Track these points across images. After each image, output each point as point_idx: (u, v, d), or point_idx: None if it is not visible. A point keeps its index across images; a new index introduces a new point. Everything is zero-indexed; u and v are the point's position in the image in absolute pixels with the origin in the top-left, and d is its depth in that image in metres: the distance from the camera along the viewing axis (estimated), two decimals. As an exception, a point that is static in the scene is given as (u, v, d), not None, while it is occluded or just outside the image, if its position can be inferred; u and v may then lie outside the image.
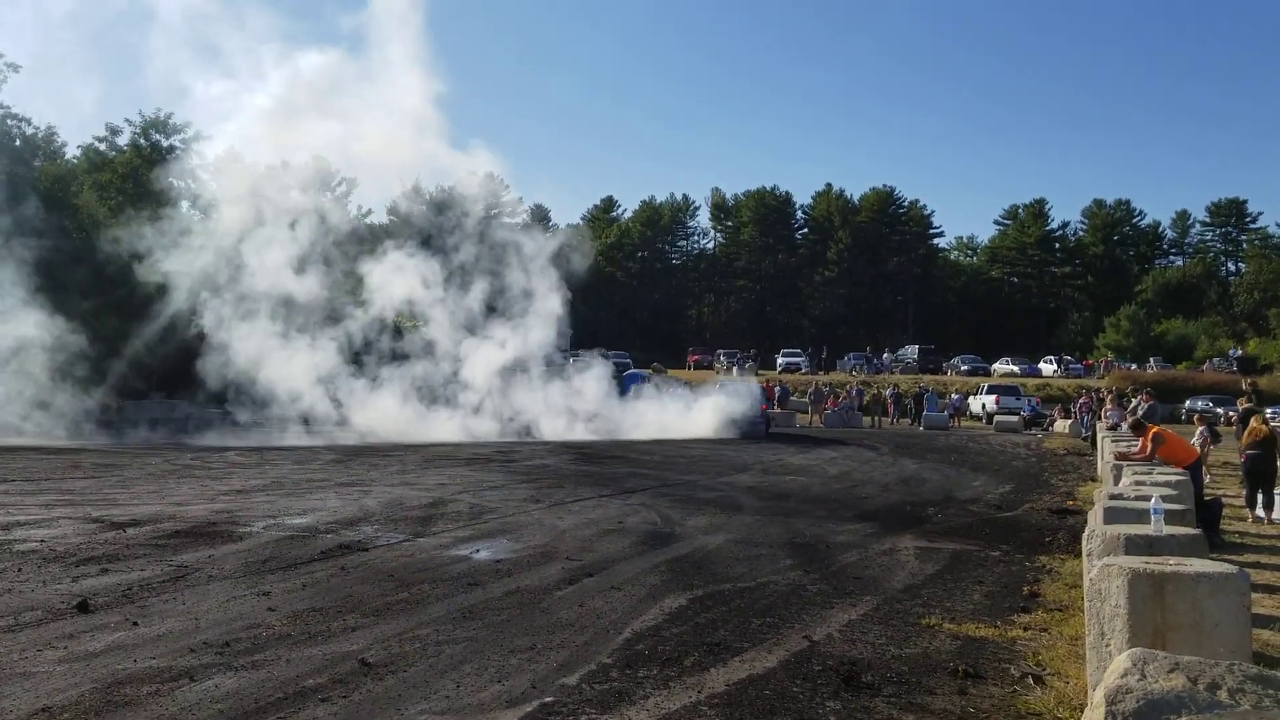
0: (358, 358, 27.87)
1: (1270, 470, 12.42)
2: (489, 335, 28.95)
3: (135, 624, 6.13)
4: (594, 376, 30.79)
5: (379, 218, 55.87)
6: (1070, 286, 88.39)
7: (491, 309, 29.66)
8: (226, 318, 25.66)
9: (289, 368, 25.59)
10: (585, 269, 36.39)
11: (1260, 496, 12.41)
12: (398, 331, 29.65)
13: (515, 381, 28.81)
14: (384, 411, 26.36)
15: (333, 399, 26.19)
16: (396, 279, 28.60)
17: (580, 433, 27.47)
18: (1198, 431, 16.59)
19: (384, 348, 28.39)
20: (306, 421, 25.57)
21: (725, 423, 28.50)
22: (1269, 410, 27.74)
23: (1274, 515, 12.15)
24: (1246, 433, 12.74)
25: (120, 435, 23.60)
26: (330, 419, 25.89)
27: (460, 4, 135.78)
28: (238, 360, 25.16)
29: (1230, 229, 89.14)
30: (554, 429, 27.58)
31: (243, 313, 25.85)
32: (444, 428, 26.15)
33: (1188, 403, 42.22)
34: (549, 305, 30.12)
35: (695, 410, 29.71)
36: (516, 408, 28.12)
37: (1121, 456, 12.26)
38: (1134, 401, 24.65)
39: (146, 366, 26.82)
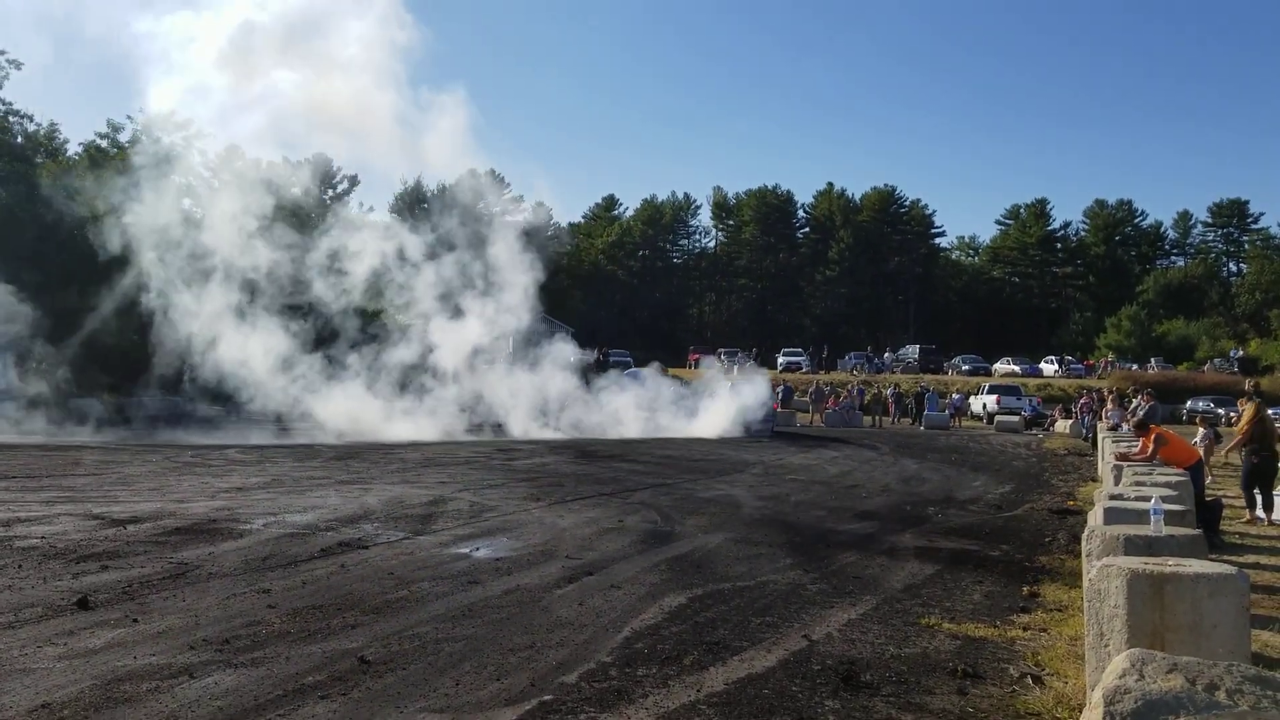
0: (323, 343, 26.57)
1: (1273, 471, 12.39)
2: (461, 315, 27.55)
3: (135, 621, 6.14)
4: (561, 365, 29.30)
5: (380, 215, 55.73)
6: (1072, 286, 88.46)
7: (468, 286, 28.30)
8: (181, 297, 24.40)
9: (249, 355, 24.39)
10: (560, 252, 34.63)
11: (1259, 497, 12.39)
12: (367, 316, 28.25)
13: (485, 371, 27.58)
14: (349, 405, 25.14)
15: (292, 393, 24.88)
16: (370, 246, 27.36)
17: (553, 430, 26.37)
18: (1200, 433, 16.57)
19: (350, 330, 27.03)
20: (279, 420, 24.53)
21: (734, 422, 27.95)
22: (1269, 411, 27.72)
23: (1275, 516, 12.14)
24: (1259, 432, 12.42)
25: (62, 430, 22.49)
26: (291, 414, 24.75)
27: (457, 4, 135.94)
28: (196, 347, 24.04)
29: (1232, 229, 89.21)
30: (523, 425, 26.46)
31: (199, 294, 24.62)
32: (408, 424, 25.03)
33: (1189, 403, 42.19)
34: (521, 285, 28.52)
35: (702, 409, 29.38)
36: (487, 400, 26.91)
37: (1122, 457, 12.25)
38: (1134, 402, 24.66)
39: (103, 347, 25.49)
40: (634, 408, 28.84)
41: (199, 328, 24.39)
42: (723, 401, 29.16)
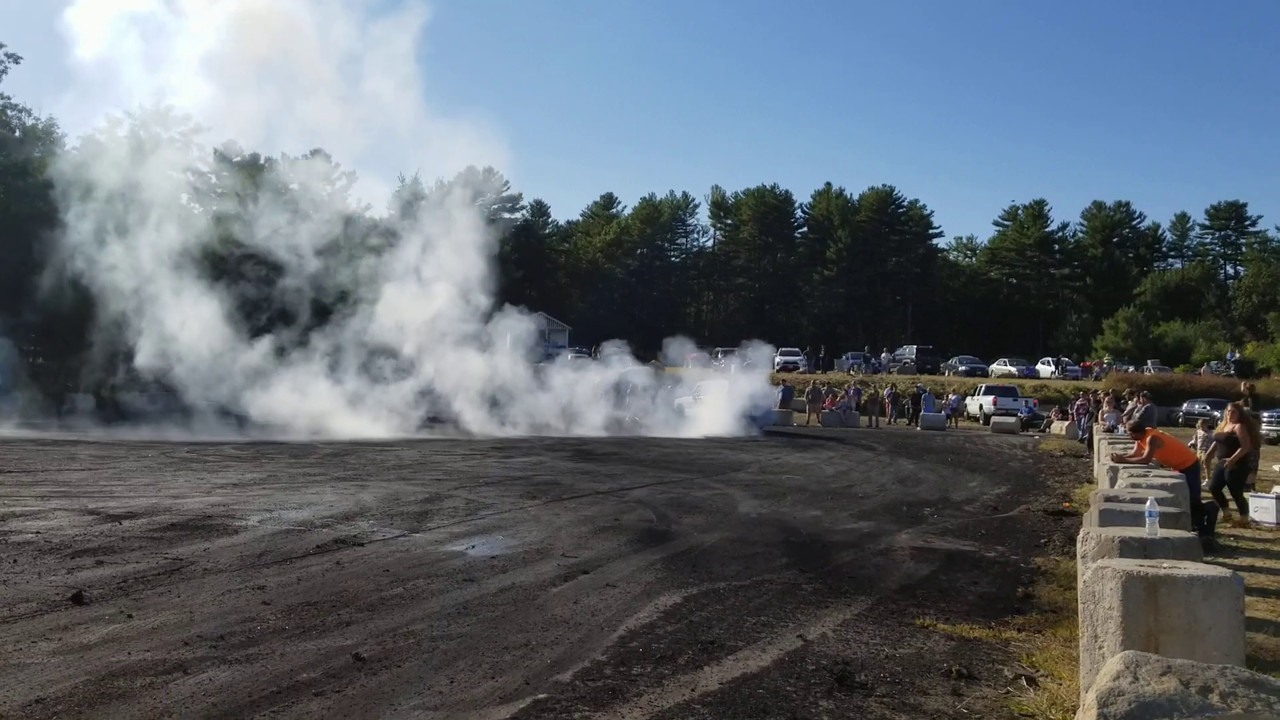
0: (279, 320, 25.08)
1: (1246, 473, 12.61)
2: (414, 282, 25.96)
3: (130, 616, 6.13)
4: (515, 345, 27.72)
5: (379, 211, 55.53)
6: (1069, 288, 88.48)
7: (426, 251, 26.66)
8: (120, 268, 22.94)
9: (192, 339, 23.09)
10: (511, 221, 32.68)
11: (1246, 499, 12.48)
12: (320, 290, 26.29)
13: (440, 352, 26.01)
14: (298, 396, 23.84)
15: (237, 384, 23.41)
16: (325, 207, 26.02)
17: (511, 427, 25.38)
18: (1200, 436, 16.58)
19: (304, 306, 25.34)
20: (228, 414, 23.32)
21: (726, 421, 27.74)
22: (1265, 414, 27.79)
23: (1254, 515, 12.20)
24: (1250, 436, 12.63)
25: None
26: (236, 406, 23.51)
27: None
28: (134, 330, 22.81)
29: (1229, 232, 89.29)
30: (480, 420, 25.56)
31: (137, 267, 23.17)
32: (360, 418, 23.99)
33: (1184, 405, 42.22)
34: (473, 253, 26.85)
35: (688, 407, 29.08)
36: (441, 391, 25.78)
37: (1119, 459, 12.26)
38: (1130, 404, 24.69)
39: (42, 324, 23.94)
40: (605, 402, 27.80)
41: (137, 306, 23.12)
42: (712, 399, 28.69)
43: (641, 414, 29.03)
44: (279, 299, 25.71)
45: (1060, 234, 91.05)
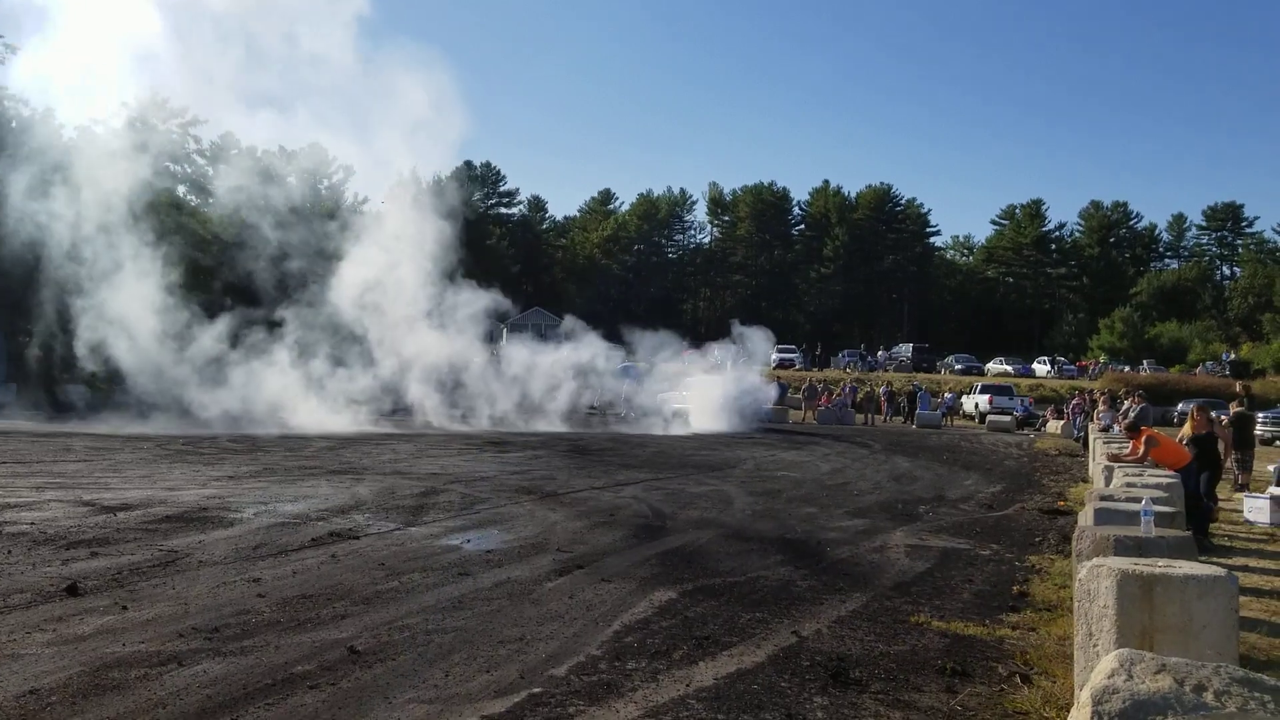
0: (237, 300, 23.84)
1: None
2: (376, 258, 24.74)
3: (124, 608, 6.13)
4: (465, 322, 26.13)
5: (376, 206, 55.35)
6: (1065, 287, 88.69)
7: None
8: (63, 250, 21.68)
9: (139, 322, 21.98)
10: (460, 209, 30.75)
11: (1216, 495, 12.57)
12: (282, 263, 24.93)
13: (402, 331, 24.81)
14: (253, 387, 22.89)
15: (183, 374, 22.23)
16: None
17: (468, 422, 24.61)
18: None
19: (266, 281, 24.21)
20: (185, 405, 22.25)
21: (727, 414, 27.48)
22: (1261, 415, 27.89)
23: (1249, 516, 12.25)
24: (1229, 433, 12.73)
25: None
26: (184, 397, 22.45)
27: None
28: (76, 311, 21.63)
29: (1226, 233, 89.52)
30: (439, 413, 24.79)
31: (83, 243, 21.89)
32: (318, 410, 23.19)
33: (1180, 405, 42.27)
34: (430, 229, 25.72)
35: (689, 401, 28.90)
36: (404, 378, 24.84)
37: (1114, 458, 12.27)
38: (1125, 404, 24.73)
39: None
40: (569, 387, 27.09)
41: (77, 283, 22.01)
42: (702, 394, 28.40)
43: (614, 404, 28.42)
44: (233, 275, 24.59)
45: (1057, 234, 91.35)
